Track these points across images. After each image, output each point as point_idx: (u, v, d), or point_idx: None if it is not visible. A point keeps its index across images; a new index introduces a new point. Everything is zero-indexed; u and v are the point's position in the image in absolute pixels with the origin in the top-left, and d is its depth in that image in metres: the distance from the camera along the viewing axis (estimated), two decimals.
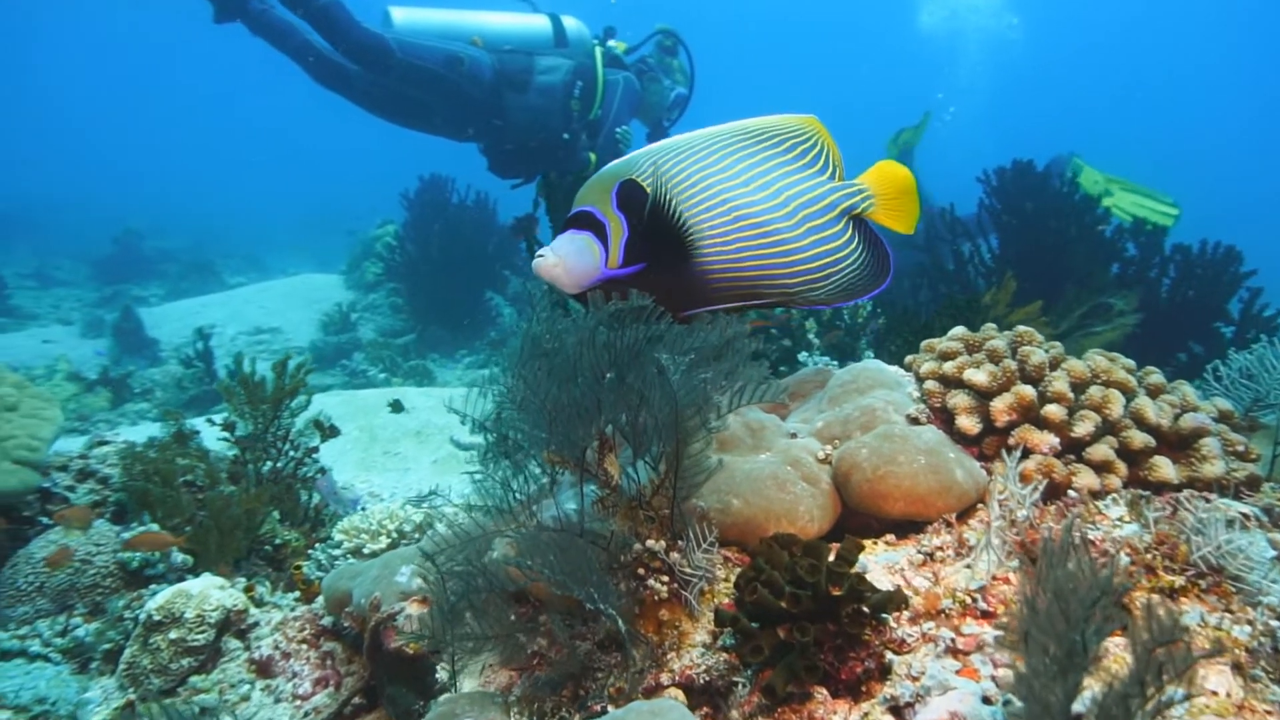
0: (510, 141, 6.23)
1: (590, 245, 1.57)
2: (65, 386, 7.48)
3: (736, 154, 1.64)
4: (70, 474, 3.21)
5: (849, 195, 1.72)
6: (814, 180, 1.69)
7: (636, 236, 1.58)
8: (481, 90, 5.94)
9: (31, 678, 2.32)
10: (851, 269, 1.70)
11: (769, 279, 1.65)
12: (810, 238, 1.66)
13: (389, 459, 5.19)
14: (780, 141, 1.69)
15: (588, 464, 1.58)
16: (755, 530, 1.68)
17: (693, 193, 1.59)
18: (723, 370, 1.47)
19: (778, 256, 1.63)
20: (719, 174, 1.61)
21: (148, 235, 14.94)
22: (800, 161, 1.69)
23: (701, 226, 1.59)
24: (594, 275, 1.57)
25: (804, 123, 1.71)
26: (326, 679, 2.36)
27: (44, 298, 11.94)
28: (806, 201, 1.66)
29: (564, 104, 6.10)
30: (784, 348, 4.27)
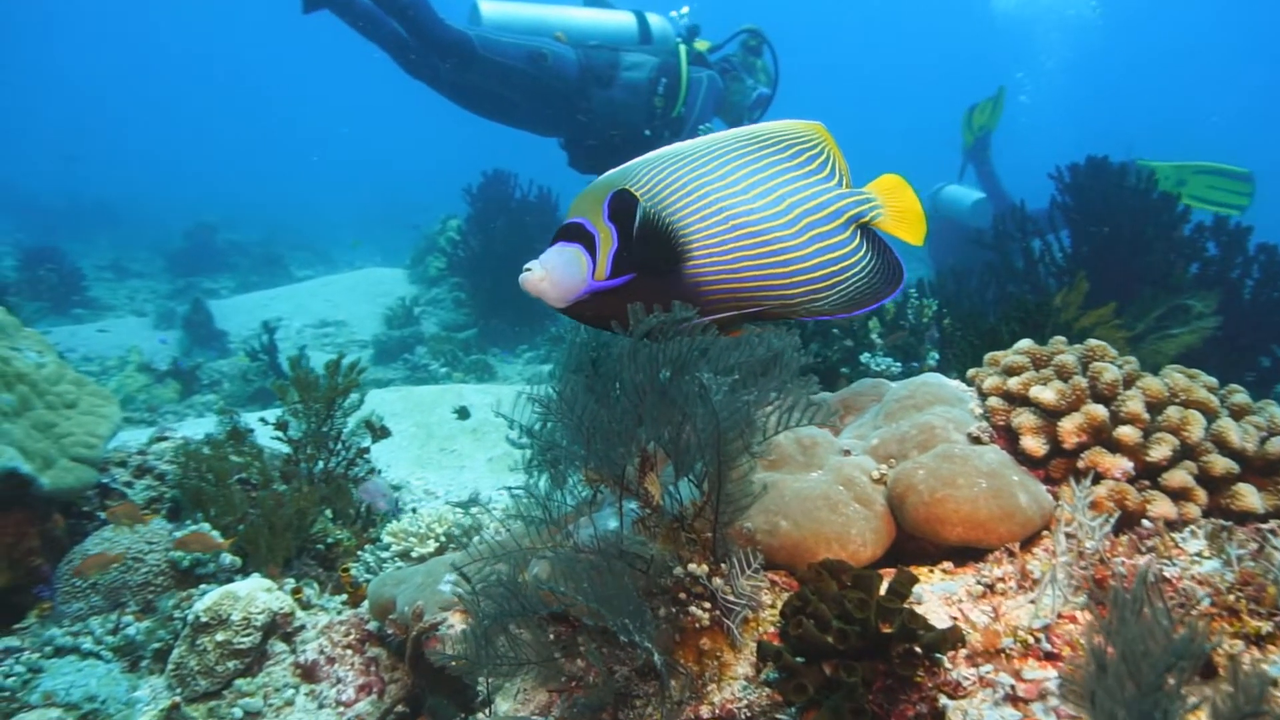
0: (593, 136, 6.22)
1: (578, 258, 1.52)
2: (136, 378, 7.65)
3: (737, 160, 1.57)
4: (129, 470, 3.25)
5: (857, 203, 1.63)
6: (819, 187, 1.61)
7: (625, 247, 1.51)
8: (566, 85, 5.94)
9: (83, 675, 2.34)
10: (858, 278, 1.62)
11: (768, 288, 1.57)
12: (814, 245, 1.57)
13: (445, 456, 5.19)
14: (785, 147, 1.61)
15: (627, 482, 1.52)
16: (804, 554, 1.60)
17: (686, 200, 1.53)
18: (769, 389, 1.40)
19: (777, 265, 1.55)
20: (716, 181, 1.54)
21: (220, 228, 15.24)
22: (806, 168, 1.61)
23: (694, 235, 1.52)
24: (580, 288, 1.52)
25: (810, 129, 1.63)
26: (370, 686, 2.34)
27: (120, 289, 12.25)
28: (811, 209, 1.58)
29: (648, 100, 6.07)
30: (845, 348, 4.15)
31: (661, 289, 1.52)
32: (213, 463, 2.94)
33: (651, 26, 6.26)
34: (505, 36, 5.84)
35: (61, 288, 10.64)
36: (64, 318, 10.28)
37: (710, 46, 6.54)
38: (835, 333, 4.15)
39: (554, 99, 6.00)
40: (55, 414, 2.81)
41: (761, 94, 6.64)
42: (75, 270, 11.04)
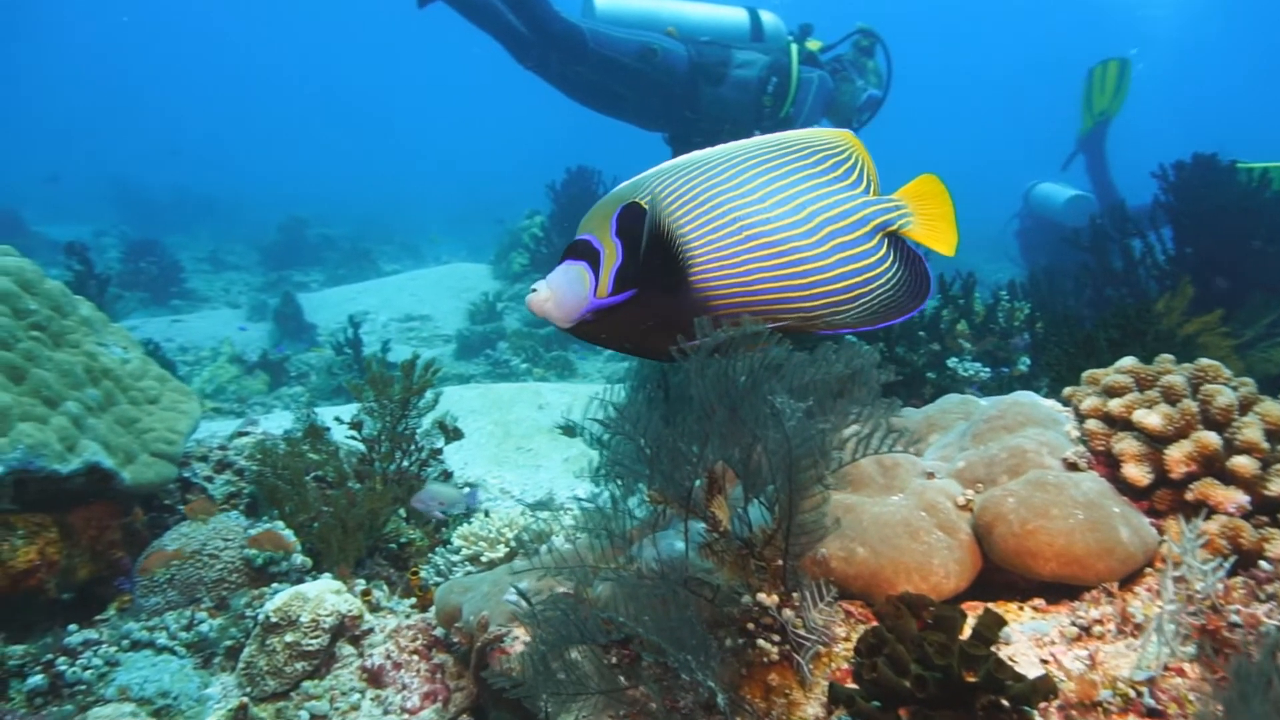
0: (699, 134, 6.15)
1: (583, 275, 1.46)
2: (228, 369, 7.85)
3: (758, 168, 1.49)
4: (209, 464, 3.29)
5: (884, 210, 1.54)
6: (845, 195, 1.52)
7: (630, 262, 1.44)
8: (675, 81, 5.89)
9: (157, 670, 2.36)
10: (884, 289, 1.52)
11: (785, 300, 1.48)
12: (836, 255, 1.48)
13: (521, 455, 5.18)
14: (810, 154, 1.52)
15: (693, 503, 1.44)
16: (882, 584, 1.50)
17: (698, 212, 1.45)
18: (846, 412, 1.31)
19: (795, 276, 1.46)
20: (732, 190, 1.46)
21: (312, 223, 15.61)
22: (831, 175, 1.53)
23: (704, 247, 1.45)
24: (582, 307, 1.46)
25: (838, 136, 1.55)
26: (435, 694, 2.31)
27: (216, 281, 12.63)
28: (834, 217, 1.50)
29: (756, 99, 5.96)
30: (931, 352, 4.00)
31: (666, 304, 1.46)
32: (288, 460, 2.96)
33: (764, 23, 6.15)
34: (617, 30, 5.81)
35: (161, 279, 11.01)
36: (163, 308, 10.64)
37: (822, 46, 6.39)
38: (921, 335, 4.01)
39: (662, 94, 5.95)
40: (138, 409, 2.86)
41: (872, 95, 6.46)
42: (174, 262, 11.41)
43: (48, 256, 11.37)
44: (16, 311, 2.64)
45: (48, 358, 2.63)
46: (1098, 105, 8.76)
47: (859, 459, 1.32)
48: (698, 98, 5.96)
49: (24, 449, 2.38)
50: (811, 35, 6.36)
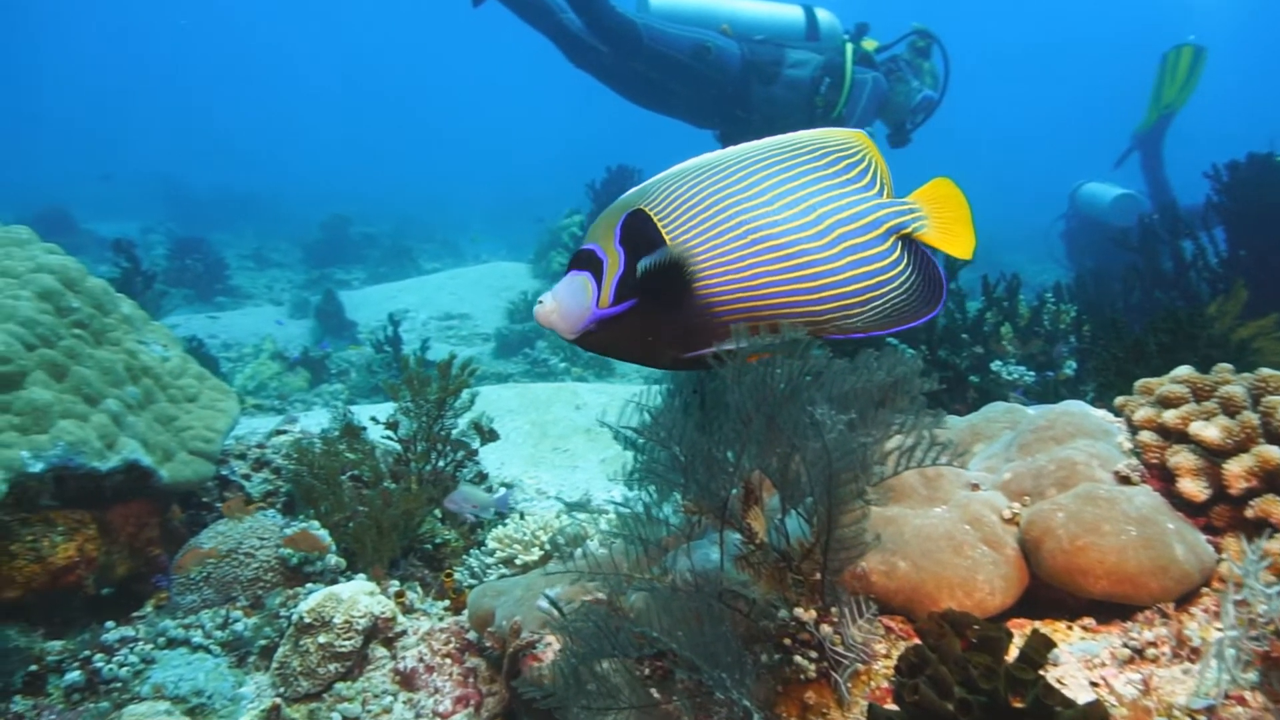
0: (751, 133, 6.10)
1: (586, 286, 1.43)
2: (269, 365, 7.93)
3: (766, 170, 1.45)
4: (247, 462, 3.31)
5: (898, 213, 1.49)
6: (857, 196, 1.48)
7: (632, 272, 1.41)
8: (727, 79, 5.84)
9: (192, 669, 2.37)
10: (896, 293, 1.47)
11: (792, 306, 1.43)
12: (846, 258, 1.44)
13: (558, 455, 5.17)
14: (822, 155, 1.48)
15: (729, 514, 1.41)
16: (924, 599, 1.45)
17: (702, 217, 1.42)
18: (888, 424, 1.26)
19: (803, 280, 1.42)
20: (739, 193, 1.43)
21: (354, 221, 15.75)
22: (843, 177, 1.48)
23: (707, 253, 1.41)
24: (585, 317, 1.43)
25: (851, 136, 1.51)
26: (467, 698, 2.29)
27: (260, 278, 12.79)
28: (845, 219, 1.45)
29: (808, 100, 5.88)
30: (975, 355, 3.93)
31: (669, 313, 1.42)
32: (324, 460, 2.96)
33: (819, 21, 6.05)
34: (671, 27, 5.78)
35: (206, 276, 11.16)
36: (207, 305, 10.78)
37: (878, 46, 6.29)
38: (964, 338, 3.93)
39: (714, 92, 5.90)
40: (177, 407, 2.87)
41: (926, 97, 6.35)
42: (219, 260, 11.56)
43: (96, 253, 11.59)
44: (59, 309, 2.67)
45: (89, 355, 2.65)
46: (1166, 96, 8.49)
47: (901, 472, 1.27)
48: (749, 97, 5.90)
49: (64, 446, 2.40)
50: (868, 35, 6.26)
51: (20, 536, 2.32)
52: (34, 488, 2.37)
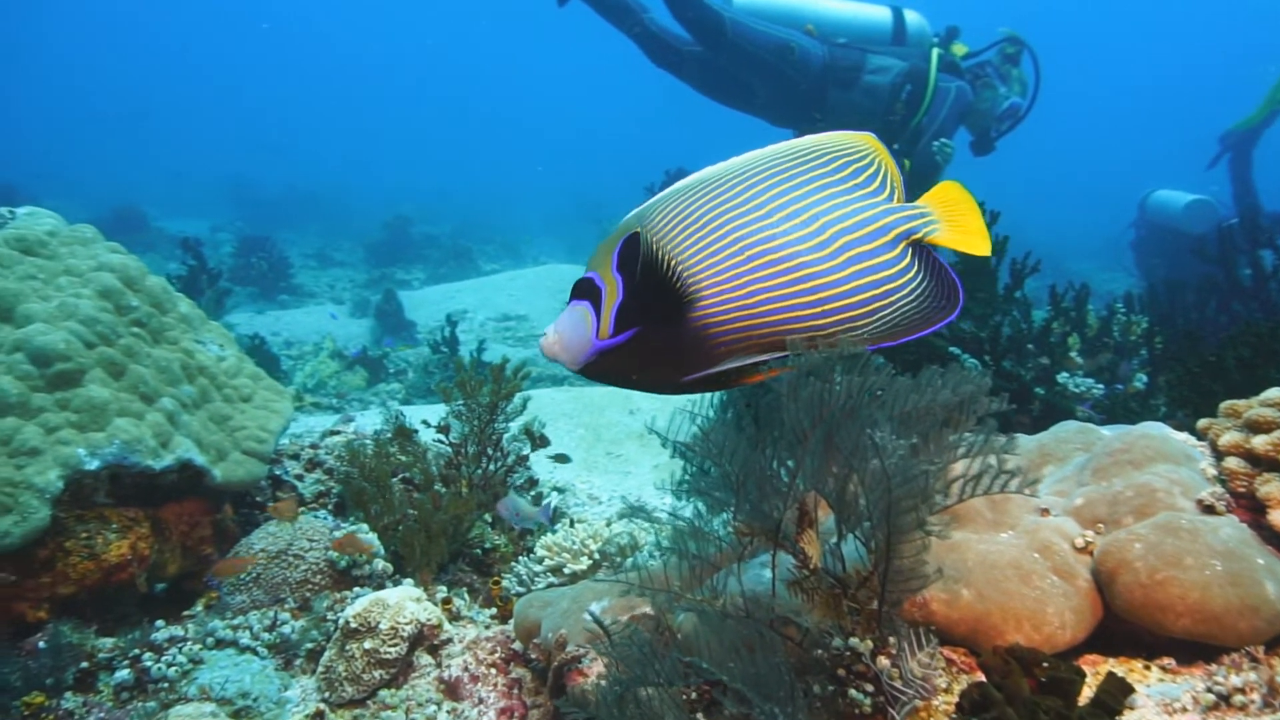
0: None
1: (586, 316, 1.39)
2: (329, 364, 8.01)
3: (767, 182, 1.39)
4: (300, 463, 3.32)
5: (908, 218, 1.42)
6: (864, 203, 1.41)
7: (630, 298, 1.36)
8: (807, 81, 5.75)
9: (238, 670, 2.37)
10: (905, 301, 1.40)
11: (795, 322, 1.37)
12: (851, 268, 1.37)
13: (611, 460, 5.12)
14: (828, 160, 1.42)
15: (782, 537, 1.34)
16: (988, 631, 1.37)
17: (698, 236, 1.36)
18: (953, 449, 1.18)
19: (804, 295, 1.36)
20: (737, 209, 1.37)
21: (416, 221, 15.92)
22: (851, 182, 1.42)
23: (704, 274, 1.36)
24: (587, 349, 1.39)
25: (858, 139, 1.44)
26: (511, 710, 2.25)
27: (322, 277, 12.97)
28: (851, 227, 1.39)
29: (887, 107, 5.75)
30: (1040, 366, 3.79)
31: (669, 339, 1.37)
32: (375, 462, 2.95)
33: (908, 24, 5.89)
34: (757, 23, 5.71)
35: (270, 274, 11.34)
36: (271, 303, 10.95)
37: (967, 52, 6.14)
38: (1030, 349, 3.80)
39: (793, 93, 5.82)
40: (231, 407, 2.89)
41: (1014, 104, 6.17)
42: (283, 259, 11.74)
43: (166, 251, 11.87)
44: (119, 308, 2.69)
45: (146, 354, 2.67)
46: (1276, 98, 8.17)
47: (966, 499, 1.20)
48: (826, 100, 5.81)
49: (120, 444, 2.41)
50: (958, 39, 6.10)
51: (75, 533, 2.33)
52: (89, 485, 2.39)
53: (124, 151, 27.39)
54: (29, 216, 2.90)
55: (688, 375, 1.39)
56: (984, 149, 6.25)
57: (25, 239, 2.73)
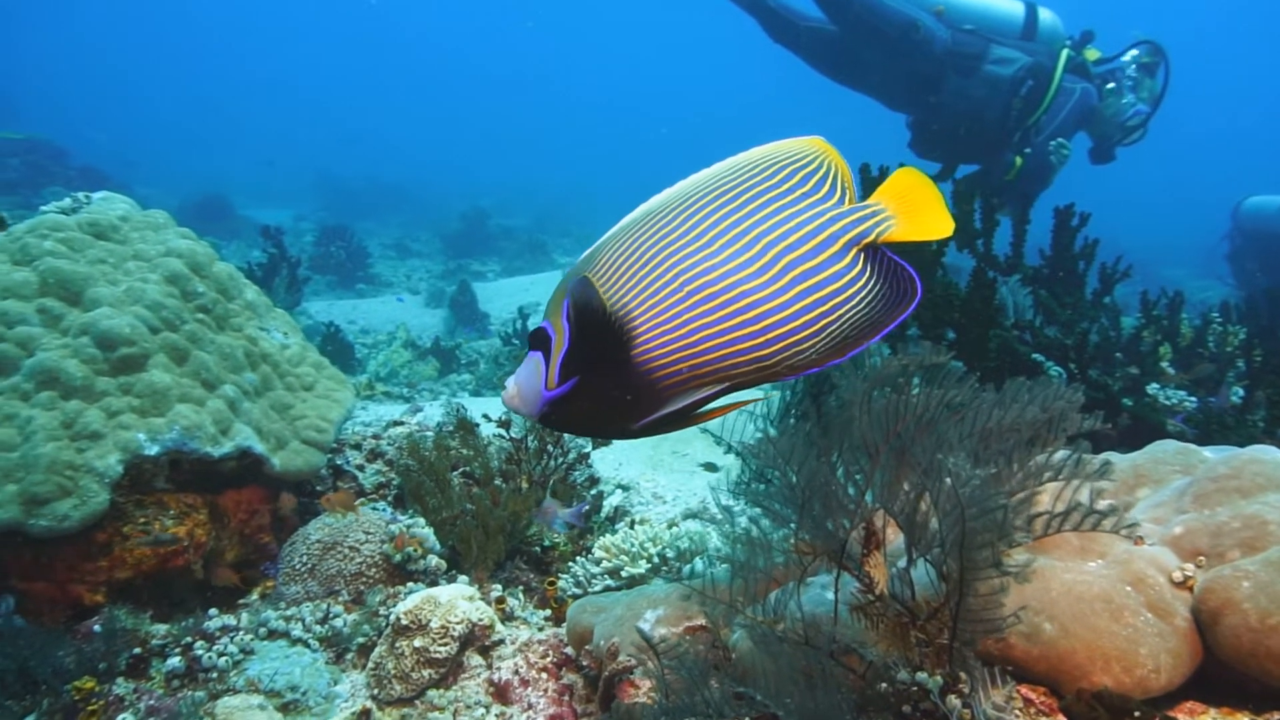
0: (938, 122, 5.86)
1: (538, 367, 1.36)
2: (401, 353, 8.08)
3: (709, 207, 1.33)
4: (362, 453, 3.30)
5: (857, 222, 1.34)
6: (811, 213, 1.33)
7: (573, 347, 1.33)
8: (926, 64, 5.61)
9: (288, 663, 2.34)
10: (853, 311, 1.31)
11: (736, 354, 1.30)
12: (795, 289, 1.30)
13: (677, 460, 5.03)
14: (775, 172, 1.35)
15: (847, 558, 1.24)
16: (1072, 670, 1.25)
17: (638, 275, 1.32)
18: (1038, 475, 1.07)
19: (747, 325, 1.29)
20: (675, 241, 1.32)
21: (493, 214, 16.05)
22: (798, 192, 1.35)
23: (643, 315, 1.31)
24: (538, 401, 1.37)
25: (806, 145, 1.38)
26: (561, 717, 2.18)
27: (400, 267, 13.14)
28: (795, 244, 1.32)
29: (1005, 100, 5.58)
30: (1129, 376, 3.60)
31: (612, 385, 1.33)
32: (435, 456, 2.91)
33: (1040, 21, 5.71)
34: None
35: (349, 264, 11.51)
36: (348, 291, 11.12)
37: (1099, 57, 5.92)
38: (1118, 357, 3.61)
39: (910, 74, 5.70)
40: (293, 395, 2.87)
41: (1139, 111, 5.92)
42: (361, 248, 11.91)
43: (250, 239, 12.13)
44: (185, 294, 2.69)
45: (210, 340, 2.67)
46: None
47: (1050, 534, 1.08)
48: (943, 86, 5.65)
49: (179, 430, 2.40)
50: (1092, 44, 5.88)
51: (133, 518, 2.34)
52: (149, 470, 2.39)
53: (215, 142, 28.20)
54: (103, 201, 2.93)
55: (638, 420, 1.36)
56: (1103, 157, 6.01)
57: (98, 223, 2.75)
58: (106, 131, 24.13)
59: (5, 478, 2.19)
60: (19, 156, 12.94)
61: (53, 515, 2.18)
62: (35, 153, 13.17)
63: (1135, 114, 5.87)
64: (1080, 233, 3.97)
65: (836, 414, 1.30)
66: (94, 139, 20.46)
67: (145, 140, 25.32)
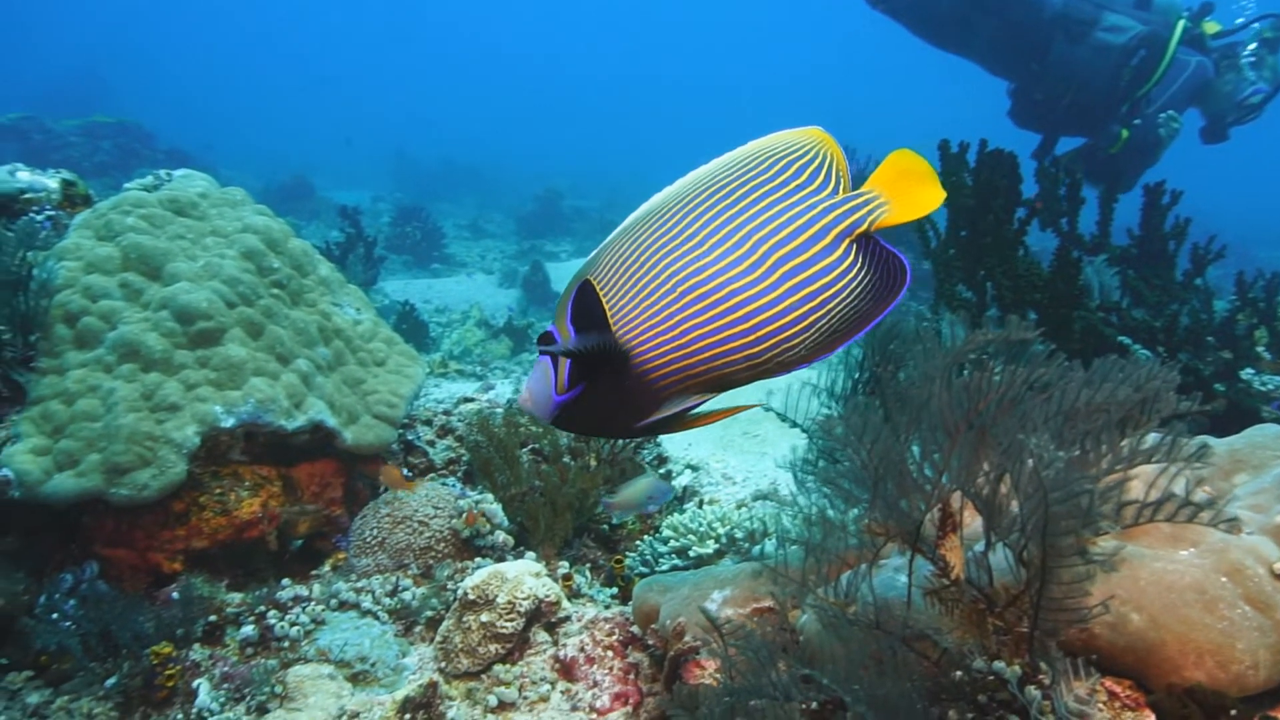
0: (1041, 91, 5.68)
1: (547, 372, 1.38)
2: (475, 332, 8.15)
3: (703, 205, 1.32)
4: (433, 429, 3.33)
5: (849, 212, 1.32)
6: (803, 206, 1.31)
7: (579, 352, 1.34)
8: (1035, 28, 5.44)
9: (358, 634, 2.37)
10: (843, 304, 1.30)
11: (729, 355, 1.30)
12: (785, 284, 1.29)
13: (747, 440, 4.99)
14: (770, 166, 1.33)
15: (921, 542, 1.19)
16: (1161, 664, 1.18)
17: (635, 279, 1.32)
18: (1131, 460, 1.00)
19: (738, 324, 1.29)
20: (671, 241, 1.31)
21: (567, 195, 16.10)
22: (792, 184, 1.33)
23: (639, 318, 1.32)
24: (550, 405, 1.39)
25: (803, 136, 1.35)
26: (626, 696, 2.17)
27: (474, 247, 13.26)
28: (785, 239, 1.30)
29: (1115, 69, 5.37)
30: (1221, 360, 3.44)
31: (615, 391, 1.35)
32: (504, 433, 2.92)
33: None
34: None
35: (424, 244, 11.66)
36: (423, 271, 11.26)
37: (1219, 31, 5.66)
38: (1210, 341, 3.45)
39: (1017, 38, 5.51)
40: (365, 370, 2.90)
41: (1258, 90, 5.64)
42: (437, 229, 12.05)
43: (329, 219, 12.35)
44: (261, 269, 2.73)
45: (285, 315, 2.71)
46: None
47: (1143, 524, 1.02)
48: (1049, 51, 5.45)
49: (254, 403, 2.44)
50: (1210, 17, 5.62)
51: (209, 489, 2.38)
52: (225, 442, 2.43)
53: (299, 125, 28.82)
54: (183, 179, 2.99)
55: (641, 421, 1.38)
56: (1217, 136, 5.72)
57: (178, 200, 2.80)
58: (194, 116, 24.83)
59: (89, 447, 2.26)
60: (110, 140, 13.38)
61: (132, 484, 2.23)
62: (125, 136, 13.60)
63: (1255, 92, 5.57)
64: (1171, 211, 3.81)
65: (910, 390, 1.25)
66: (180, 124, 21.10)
67: (232, 125, 26.00)
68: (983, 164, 3.18)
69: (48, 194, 2.86)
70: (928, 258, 3.29)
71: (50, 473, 2.23)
